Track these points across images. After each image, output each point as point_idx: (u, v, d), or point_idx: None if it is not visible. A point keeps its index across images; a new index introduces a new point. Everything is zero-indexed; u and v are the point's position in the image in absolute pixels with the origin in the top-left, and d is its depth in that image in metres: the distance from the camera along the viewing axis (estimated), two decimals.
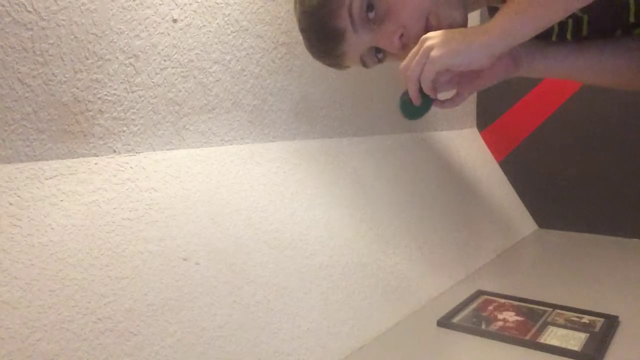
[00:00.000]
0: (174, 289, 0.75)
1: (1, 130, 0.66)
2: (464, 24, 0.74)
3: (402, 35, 0.72)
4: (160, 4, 0.81)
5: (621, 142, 1.59)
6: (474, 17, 0.93)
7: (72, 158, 0.74)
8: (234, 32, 0.94)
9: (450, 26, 0.71)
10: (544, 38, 0.76)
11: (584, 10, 0.66)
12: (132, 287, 0.71)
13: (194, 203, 0.85)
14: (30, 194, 0.67)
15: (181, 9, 0.85)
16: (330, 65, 0.82)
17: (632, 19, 0.68)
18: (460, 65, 0.65)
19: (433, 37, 0.66)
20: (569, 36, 0.75)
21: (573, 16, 0.70)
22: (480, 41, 0.63)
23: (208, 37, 0.90)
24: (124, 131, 0.79)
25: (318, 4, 0.73)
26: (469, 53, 0.64)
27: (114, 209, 0.75)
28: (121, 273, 0.71)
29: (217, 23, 0.91)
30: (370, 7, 0.71)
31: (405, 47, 0.72)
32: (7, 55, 0.65)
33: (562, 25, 0.73)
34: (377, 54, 0.77)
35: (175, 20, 0.84)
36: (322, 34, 0.75)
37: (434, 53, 0.64)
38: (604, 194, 1.65)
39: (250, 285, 0.84)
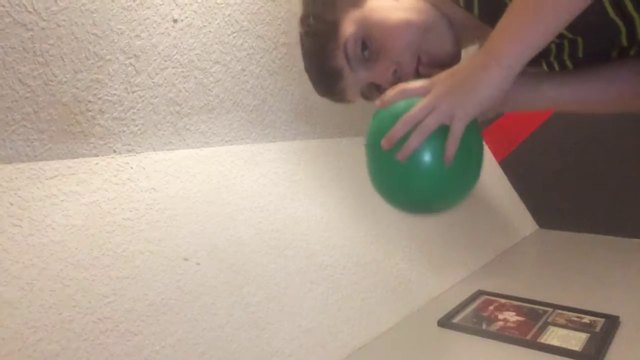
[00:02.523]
0: (174, 289, 0.75)
1: (2, 131, 0.66)
2: (456, 55, 0.75)
3: (395, 71, 0.75)
4: (160, 5, 0.81)
5: (621, 142, 1.59)
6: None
7: (73, 158, 0.74)
8: (234, 33, 0.94)
9: (441, 60, 0.73)
10: (541, 61, 0.76)
11: (578, 32, 0.66)
12: (133, 287, 0.71)
13: (194, 203, 0.85)
14: (31, 194, 0.68)
15: (181, 9, 0.85)
16: (335, 101, 0.86)
17: (624, 42, 0.68)
18: (481, 112, 0.64)
19: (442, 97, 0.63)
20: (566, 58, 0.74)
21: (567, 38, 0.70)
22: (486, 81, 0.61)
23: (208, 38, 0.90)
24: (124, 131, 0.79)
25: (316, 47, 0.78)
26: (483, 99, 0.61)
27: (115, 209, 0.75)
28: (122, 273, 0.71)
29: (218, 23, 0.91)
30: (364, 46, 0.74)
31: (400, 81, 0.74)
32: (8, 56, 0.65)
33: (559, 47, 0.73)
34: (379, 87, 0.79)
35: (175, 21, 0.84)
36: (321, 74, 0.79)
37: (459, 113, 0.62)
38: (604, 194, 1.65)
39: (251, 285, 0.84)
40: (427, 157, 0.63)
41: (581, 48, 0.71)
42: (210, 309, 0.78)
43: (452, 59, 0.74)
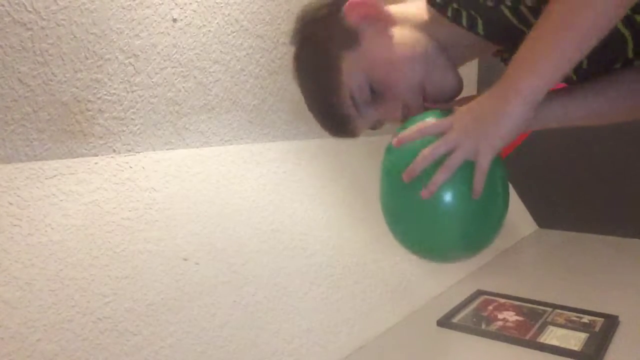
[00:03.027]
0: (174, 288, 0.75)
1: (1, 130, 0.66)
2: (459, 84, 0.75)
3: (403, 107, 0.75)
4: (160, 4, 0.81)
5: (621, 142, 1.59)
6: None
7: (72, 158, 0.74)
8: (234, 32, 0.94)
9: (445, 90, 0.73)
10: None
11: None
12: (132, 287, 0.71)
13: (193, 203, 0.85)
14: (30, 194, 0.67)
15: (181, 8, 0.85)
16: (345, 139, 0.86)
17: (630, 55, 0.67)
18: (517, 135, 0.62)
19: (465, 132, 0.62)
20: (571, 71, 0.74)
21: None
22: (509, 114, 0.60)
23: (208, 37, 0.90)
24: (123, 131, 0.79)
25: (322, 97, 0.78)
26: (507, 132, 0.60)
27: (114, 208, 0.75)
28: (121, 273, 0.71)
29: (217, 23, 0.91)
30: (370, 90, 0.74)
31: (409, 116, 0.75)
32: (7, 55, 0.65)
33: None
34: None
35: (175, 20, 0.84)
36: (331, 121, 0.80)
37: (484, 147, 0.61)
38: (604, 194, 1.65)
39: (250, 285, 0.84)
40: (452, 193, 0.61)
41: (585, 60, 0.71)
42: (210, 309, 0.78)
43: (456, 87, 0.74)
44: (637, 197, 1.58)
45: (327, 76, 0.75)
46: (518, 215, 1.74)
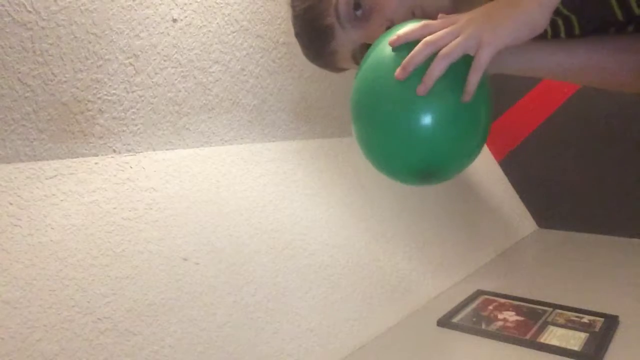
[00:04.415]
0: (174, 288, 0.75)
1: (1, 130, 0.66)
2: (451, 11, 0.69)
3: (388, 27, 0.71)
4: (160, 4, 0.81)
5: (621, 142, 1.59)
6: None
7: (72, 158, 0.74)
8: (234, 32, 0.94)
9: (436, 15, 0.67)
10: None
11: (572, 9, 0.65)
12: (132, 287, 0.71)
13: (194, 203, 0.85)
14: (31, 194, 0.67)
15: (181, 8, 0.85)
16: (326, 67, 0.82)
17: (620, 17, 0.66)
18: (523, 37, 0.56)
19: (469, 22, 0.57)
20: (563, 37, 0.74)
21: (561, 15, 0.69)
22: (523, 7, 0.55)
23: (208, 37, 0.90)
24: (124, 131, 0.79)
25: (306, 7, 0.75)
26: (518, 26, 0.55)
27: (114, 208, 0.75)
28: (121, 273, 0.71)
29: (217, 23, 0.91)
30: (357, 6, 0.71)
31: None
32: (7, 55, 0.65)
33: (554, 26, 0.72)
34: None
35: (175, 20, 0.84)
36: (312, 34, 0.76)
37: (488, 38, 0.55)
38: (604, 194, 1.65)
39: (250, 285, 0.84)
40: (443, 89, 0.53)
41: (577, 26, 0.70)
42: (210, 309, 0.78)
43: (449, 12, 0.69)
44: (637, 197, 1.58)
45: None
46: (518, 215, 1.74)
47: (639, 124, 1.56)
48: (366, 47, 0.75)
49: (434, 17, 0.67)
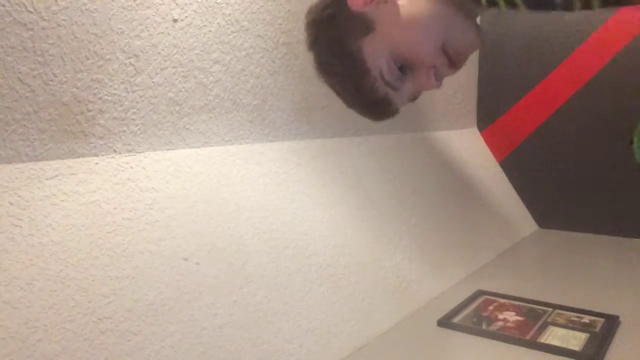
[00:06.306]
0: (174, 288, 0.75)
1: (2, 131, 0.66)
2: (478, 34, 0.76)
3: (435, 73, 0.77)
4: (160, 4, 0.81)
5: (621, 142, 1.59)
6: None
7: (73, 158, 0.74)
8: (235, 32, 0.94)
9: (467, 43, 0.75)
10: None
11: None
12: (133, 287, 0.71)
13: (194, 203, 0.85)
14: (31, 194, 0.67)
15: (181, 8, 0.85)
16: (390, 117, 0.87)
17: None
18: None
19: None
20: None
21: None
22: None
23: (208, 37, 0.90)
24: (124, 131, 0.79)
25: (353, 89, 0.80)
26: None
27: (115, 209, 0.75)
28: (122, 273, 0.71)
29: (218, 23, 0.91)
30: (398, 66, 0.77)
31: (441, 79, 0.78)
32: (8, 55, 0.65)
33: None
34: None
35: (175, 20, 0.84)
36: (372, 108, 0.82)
37: None
38: (604, 194, 1.65)
39: (251, 285, 0.84)
40: None
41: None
42: (211, 309, 0.78)
43: (476, 38, 0.76)
44: (637, 197, 1.58)
45: (353, 70, 0.77)
46: (518, 215, 1.74)
47: (638, 124, 1.56)
48: (419, 91, 0.81)
49: (463, 50, 0.75)
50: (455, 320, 1.04)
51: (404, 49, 0.74)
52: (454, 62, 0.76)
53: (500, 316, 1.06)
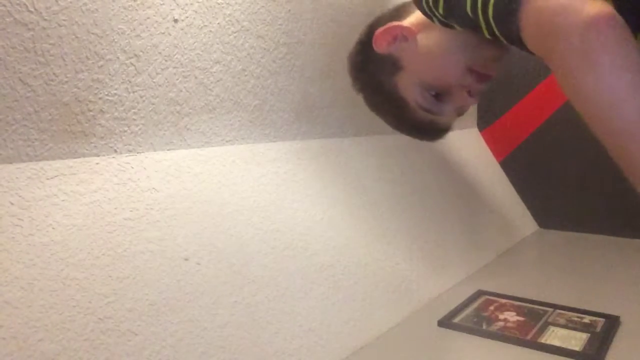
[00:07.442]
0: (175, 288, 0.75)
1: (2, 131, 0.66)
2: (499, 49, 0.79)
3: (469, 91, 0.82)
4: (161, 4, 0.81)
5: None
6: None
7: (73, 158, 0.74)
8: (235, 32, 0.94)
9: (490, 59, 0.79)
10: None
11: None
12: (133, 287, 0.71)
13: (194, 203, 0.85)
14: (32, 194, 0.67)
15: (182, 9, 0.85)
16: (444, 135, 0.93)
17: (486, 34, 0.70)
18: None
19: None
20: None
21: None
22: None
23: (209, 37, 0.90)
24: (125, 131, 0.79)
25: (405, 122, 0.88)
26: None
27: (115, 208, 0.75)
28: (122, 273, 0.71)
29: (218, 23, 0.91)
30: (432, 93, 0.83)
31: (477, 94, 0.83)
32: (9, 56, 0.65)
33: None
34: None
35: (176, 21, 0.84)
36: (423, 133, 0.90)
37: None
38: (604, 194, 1.65)
39: (251, 285, 0.84)
40: None
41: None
42: (211, 309, 0.78)
43: (498, 52, 0.80)
44: (637, 197, 1.58)
45: (396, 105, 0.86)
46: (519, 216, 1.74)
47: None
48: (462, 108, 0.87)
49: (488, 64, 0.80)
50: (456, 320, 1.04)
51: (431, 79, 0.81)
52: (483, 76, 0.80)
53: (501, 316, 1.06)
